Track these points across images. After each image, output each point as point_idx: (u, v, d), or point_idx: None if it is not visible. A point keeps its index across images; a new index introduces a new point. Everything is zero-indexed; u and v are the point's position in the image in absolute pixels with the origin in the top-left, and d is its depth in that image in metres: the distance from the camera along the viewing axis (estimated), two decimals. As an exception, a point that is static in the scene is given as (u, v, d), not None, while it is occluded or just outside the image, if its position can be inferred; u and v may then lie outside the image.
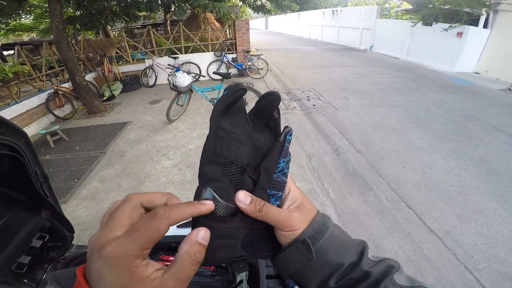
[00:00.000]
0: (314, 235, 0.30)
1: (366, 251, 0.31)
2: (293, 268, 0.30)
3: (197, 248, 0.25)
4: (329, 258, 0.30)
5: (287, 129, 0.33)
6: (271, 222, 0.30)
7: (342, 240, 0.32)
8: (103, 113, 5.22)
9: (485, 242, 2.25)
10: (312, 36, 19.80)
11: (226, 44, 7.56)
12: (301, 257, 0.29)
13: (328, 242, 0.30)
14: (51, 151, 3.87)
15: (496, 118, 4.75)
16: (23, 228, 0.71)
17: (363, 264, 0.30)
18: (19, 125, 0.57)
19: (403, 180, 3.06)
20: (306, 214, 0.32)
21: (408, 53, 10.73)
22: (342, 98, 5.71)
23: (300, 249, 0.29)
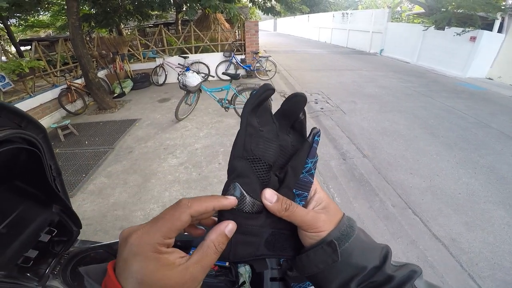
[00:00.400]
0: (340, 237, 0.30)
1: (389, 255, 0.31)
2: (315, 269, 0.30)
3: (223, 239, 0.26)
4: (353, 261, 0.29)
5: (316, 130, 0.33)
6: (297, 222, 0.30)
7: (367, 243, 0.32)
8: (113, 109, 5.31)
9: (491, 250, 2.22)
10: (321, 39, 19.69)
11: (235, 45, 7.60)
12: (326, 258, 0.29)
13: (353, 245, 0.30)
14: (61, 144, 3.96)
15: (509, 125, 4.63)
16: (33, 222, 0.72)
17: (386, 268, 0.29)
18: None
19: (410, 186, 3.02)
20: (332, 216, 0.31)
21: (419, 57, 10.57)
22: (351, 102, 5.67)
23: (326, 251, 0.29)
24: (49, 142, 0.63)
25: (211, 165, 3.36)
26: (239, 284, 0.92)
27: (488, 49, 8.06)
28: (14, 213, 0.66)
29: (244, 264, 0.96)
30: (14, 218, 0.65)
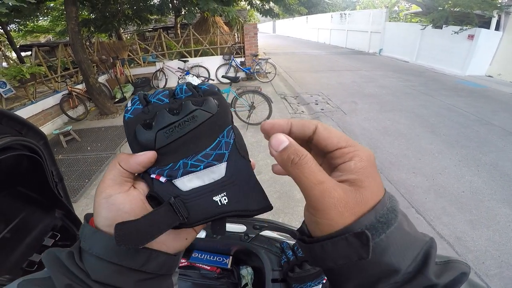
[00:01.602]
0: (377, 226, 0.21)
1: (433, 253, 0.22)
2: (331, 263, 0.22)
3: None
4: (386, 260, 0.21)
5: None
6: (302, 189, 0.22)
7: (410, 236, 0.22)
8: (114, 114, 5.32)
9: (497, 248, 2.20)
10: (320, 40, 19.75)
11: (235, 47, 7.62)
12: (350, 253, 0.20)
13: (391, 238, 0.21)
14: (64, 151, 3.97)
15: (510, 122, 4.61)
16: (37, 227, 0.73)
17: (428, 272, 0.21)
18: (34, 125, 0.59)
19: (412, 185, 3.01)
20: (363, 199, 0.21)
21: (418, 56, 10.58)
22: (351, 102, 5.67)
23: (351, 244, 0.20)
24: (50, 149, 0.64)
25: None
26: (242, 286, 0.91)
27: (487, 47, 8.06)
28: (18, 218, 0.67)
29: (246, 266, 0.96)
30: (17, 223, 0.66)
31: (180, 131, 0.27)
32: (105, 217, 0.25)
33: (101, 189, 0.26)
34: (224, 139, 0.28)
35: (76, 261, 0.24)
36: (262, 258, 0.86)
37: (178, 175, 0.27)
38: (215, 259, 0.94)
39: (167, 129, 0.27)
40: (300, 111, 5.29)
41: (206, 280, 0.89)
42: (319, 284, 0.76)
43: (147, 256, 0.26)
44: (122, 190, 0.26)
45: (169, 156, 0.27)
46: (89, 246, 0.24)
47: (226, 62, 7.39)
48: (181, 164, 0.27)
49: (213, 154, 0.28)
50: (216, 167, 0.28)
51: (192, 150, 0.28)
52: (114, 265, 0.24)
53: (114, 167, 0.27)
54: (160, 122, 0.27)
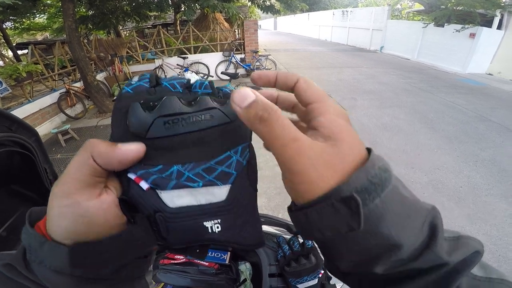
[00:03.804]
0: (369, 189, 0.17)
1: (440, 224, 0.19)
2: (318, 235, 0.18)
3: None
4: (383, 231, 0.17)
5: None
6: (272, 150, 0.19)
7: (410, 201, 0.19)
8: (113, 112, 5.29)
9: (494, 243, 2.22)
10: (321, 37, 19.67)
11: (235, 44, 7.58)
12: (337, 223, 0.17)
13: (388, 204, 0.18)
14: (62, 150, 3.95)
15: (509, 119, 4.61)
16: None
17: (438, 249, 0.18)
18: (31, 124, 0.59)
19: (411, 181, 3.01)
20: (343, 154, 0.18)
21: (419, 54, 10.57)
22: (351, 98, 5.66)
23: (338, 211, 0.17)
24: (42, 145, 0.63)
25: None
26: (240, 281, 0.92)
27: (488, 45, 8.09)
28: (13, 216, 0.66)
29: (244, 261, 0.97)
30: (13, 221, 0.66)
31: (186, 126, 0.21)
32: (68, 230, 0.19)
33: (62, 191, 0.19)
34: (236, 156, 0.23)
35: (23, 273, 0.20)
36: (259, 253, 0.86)
37: (168, 187, 0.21)
38: (213, 255, 0.94)
39: (170, 118, 0.20)
40: (299, 107, 5.27)
41: (204, 276, 0.89)
42: (315, 278, 0.76)
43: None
44: (93, 195, 0.20)
45: (161, 154, 0.21)
46: (40, 258, 0.19)
47: (226, 59, 7.36)
48: (175, 171, 0.21)
49: (217, 170, 0.22)
50: (217, 188, 0.22)
51: (193, 156, 0.22)
52: (77, 277, 0.19)
53: (85, 163, 0.20)
54: (165, 106, 0.20)
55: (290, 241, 0.82)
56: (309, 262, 0.75)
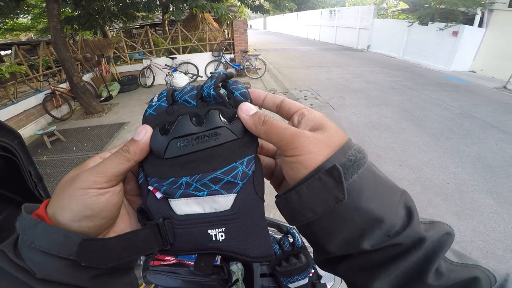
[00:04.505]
0: (346, 164, 0.20)
1: (414, 207, 0.22)
2: (310, 214, 0.21)
3: (128, 141, 0.25)
4: (364, 205, 0.20)
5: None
6: (275, 140, 0.23)
7: (383, 180, 0.23)
8: (100, 113, 5.20)
9: (482, 239, 2.27)
10: (310, 36, 19.81)
11: (224, 44, 7.56)
12: (326, 196, 0.20)
13: (365, 179, 0.21)
14: (48, 152, 3.85)
15: (492, 115, 4.78)
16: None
17: (415, 225, 0.21)
18: (15, 126, 0.58)
19: (399, 178, 3.08)
20: (328, 137, 0.22)
21: (404, 52, 10.78)
22: (339, 97, 5.74)
23: (325, 183, 0.20)
24: (25, 148, 0.62)
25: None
26: (232, 282, 0.92)
27: (470, 43, 8.31)
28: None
29: (236, 262, 0.96)
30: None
31: (196, 146, 0.24)
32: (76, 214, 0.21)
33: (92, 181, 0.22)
34: (242, 167, 0.24)
35: (11, 258, 0.21)
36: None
37: (176, 195, 0.24)
38: (204, 255, 0.94)
39: (183, 140, 0.24)
40: (289, 107, 5.30)
41: (195, 277, 0.88)
42: (306, 278, 0.77)
43: None
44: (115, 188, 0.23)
45: (173, 169, 0.24)
46: (31, 239, 0.20)
47: (216, 59, 7.32)
48: (184, 182, 0.24)
49: (223, 180, 0.24)
50: (222, 197, 0.24)
51: (200, 169, 0.24)
52: (65, 260, 0.21)
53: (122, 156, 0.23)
54: (178, 129, 0.24)
55: (280, 241, 0.82)
56: (299, 262, 0.76)
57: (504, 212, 2.54)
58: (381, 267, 0.21)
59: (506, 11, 7.56)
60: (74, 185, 0.22)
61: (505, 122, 4.50)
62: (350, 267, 0.24)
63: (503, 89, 6.59)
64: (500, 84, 6.91)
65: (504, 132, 4.15)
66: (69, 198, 0.21)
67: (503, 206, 2.61)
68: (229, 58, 7.40)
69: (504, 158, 3.42)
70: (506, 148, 3.67)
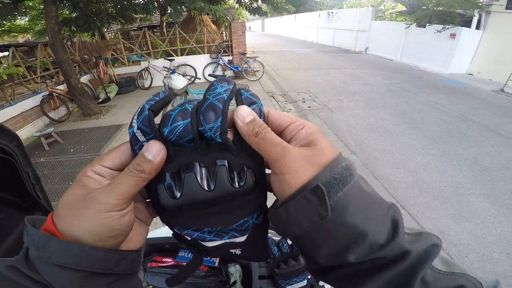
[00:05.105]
0: (331, 182, 0.21)
1: (400, 221, 0.23)
2: (297, 229, 0.22)
3: (140, 159, 0.23)
4: (349, 220, 0.21)
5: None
6: (265, 155, 0.24)
7: (369, 197, 0.23)
8: (98, 115, 5.18)
9: (478, 242, 2.27)
10: (308, 38, 19.87)
11: (222, 46, 7.57)
12: (311, 213, 0.21)
13: (350, 197, 0.22)
14: (45, 153, 3.83)
15: (489, 118, 4.81)
16: (16, 230, 0.69)
17: (399, 238, 0.22)
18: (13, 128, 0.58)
19: (397, 181, 3.09)
20: (316, 155, 0.23)
21: (402, 54, 10.82)
22: (337, 100, 5.75)
23: (310, 201, 0.21)
24: (23, 149, 0.62)
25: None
26: (230, 284, 0.91)
27: (468, 46, 8.32)
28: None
29: (234, 263, 0.96)
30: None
31: (208, 206, 0.25)
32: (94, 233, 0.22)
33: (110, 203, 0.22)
34: (252, 220, 0.28)
35: (26, 273, 0.21)
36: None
37: (205, 241, 0.29)
38: (202, 258, 0.93)
39: (194, 204, 0.24)
40: (287, 109, 5.33)
41: (194, 279, 0.88)
42: (304, 280, 0.77)
43: (117, 257, 0.24)
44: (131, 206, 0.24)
45: (193, 221, 0.27)
46: (47, 255, 0.21)
47: (214, 61, 7.33)
48: (206, 231, 0.28)
49: (237, 230, 0.28)
50: (238, 238, 0.29)
51: (219, 223, 0.27)
52: (81, 271, 0.21)
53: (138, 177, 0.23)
54: (188, 196, 0.24)
55: (279, 243, 0.82)
56: (298, 264, 0.76)
57: (501, 215, 2.55)
58: (366, 277, 0.23)
59: (503, 13, 7.58)
60: (93, 208, 0.22)
61: (502, 125, 4.53)
62: (338, 277, 0.25)
63: (501, 92, 6.62)
64: (498, 87, 6.93)
65: (501, 135, 4.18)
66: (92, 221, 0.22)
67: (500, 210, 2.62)
68: (227, 60, 7.41)
69: (501, 162, 3.44)
70: (503, 152, 3.69)
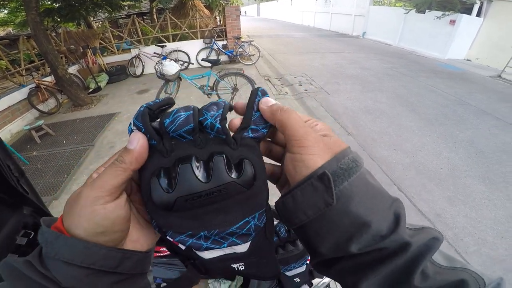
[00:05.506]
0: (337, 172, 0.22)
1: (403, 214, 0.24)
2: (303, 217, 0.23)
3: (121, 151, 0.24)
4: (353, 210, 0.22)
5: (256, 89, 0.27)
6: (288, 132, 0.24)
7: (375, 188, 0.24)
8: (89, 105, 5.07)
9: (473, 225, 2.29)
10: (304, 23, 19.53)
11: (216, 31, 7.39)
12: (317, 200, 0.22)
13: (355, 187, 0.22)
14: (38, 147, 3.75)
15: (486, 103, 4.80)
16: (5, 226, 0.68)
17: (400, 231, 0.22)
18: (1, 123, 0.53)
19: (394, 162, 3.10)
20: (331, 144, 0.24)
21: (400, 39, 10.71)
22: (334, 83, 5.70)
23: (316, 188, 0.22)
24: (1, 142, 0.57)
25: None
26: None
27: (467, 32, 8.28)
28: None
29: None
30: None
31: (205, 201, 0.23)
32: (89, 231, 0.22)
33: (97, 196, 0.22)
34: (254, 221, 0.26)
35: (38, 269, 0.22)
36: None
37: (201, 249, 0.26)
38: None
39: (189, 197, 0.22)
40: (284, 92, 5.26)
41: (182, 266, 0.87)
42: (303, 265, 0.75)
43: (121, 256, 0.24)
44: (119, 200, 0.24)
45: (188, 223, 0.24)
46: (55, 251, 0.21)
47: (207, 46, 7.17)
48: (202, 236, 0.25)
49: (238, 233, 0.25)
50: (239, 246, 0.26)
51: (216, 225, 0.24)
52: (86, 269, 0.22)
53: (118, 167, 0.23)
54: (183, 187, 0.22)
55: (276, 227, 0.80)
56: (296, 249, 0.73)
57: (496, 199, 2.57)
58: (368, 269, 0.23)
59: (505, 1, 7.48)
60: (79, 203, 0.22)
61: (498, 109, 4.54)
62: (341, 270, 0.25)
63: (498, 78, 6.62)
64: (495, 73, 6.92)
65: (498, 119, 4.19)
66: (78, 216, 0.22)
67: (495, 193, 2.64)
68: (222, 45, 7.26)
69: (496, 144, 3.47)
70: (499, 134, 3.71)
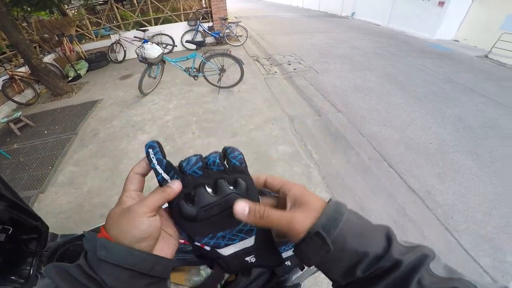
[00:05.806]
0: (328, 224, 0.28)
1: (393, 237, 0.29)
2: (313, 261, 0.29)
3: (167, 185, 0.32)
4: (349, 247, 0.28)
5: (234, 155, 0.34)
6: (275, 228, 0.30)
7: (362, 226, 0.30)
8: (69, 94, 4.84)
9: (463, 202, 2.29)
10: (293, 3, 19.15)
11: (201, 12, 7.09)
12: (318, 250, 0.28)
13: (345, 230, 0.28)
14: (18, 139, 3.57)
15: (473, 81, 4.83)
16: None
17: (392, 251, 0.27)
18: None
19: (384, 138, 3.09)
20: (312, 209, 0.30)
21: (389, 20, 10.60)
22: (323, 62, 5.62)
23: (316, 242, 0.28)
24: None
25: (184, 136, 3.24)
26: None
27: (456, 13, 8.27)
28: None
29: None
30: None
31: (218, 209, 0.32)
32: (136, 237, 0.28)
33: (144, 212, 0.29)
34: None
35: (87, 271, 0.27)
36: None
37: (220, 246, 0.35)
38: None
39: (207, 207, 0.31)
40: (273, 71, 5.15)
41: (182, 254, 0.83)
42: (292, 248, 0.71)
43: (154, 260, 0.29)
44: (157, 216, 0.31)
45: (209, 228, 0.33)
46: (108, 255, 0.27)
47: (192, 28, 6.88)
48: (220, 236, 0.34)
49: (244, 230, 0.34)
50: (247, 240, 0.35)
51: (228, 226, 0.33)
52: (128, 270, 0.27)
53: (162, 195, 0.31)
54: (201, 201, 0.31)
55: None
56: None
57: (483, 175, 2.59)
58: (371, 284, 0.27)
59: None
60: (130, 215, 0.28)
61: (485, 88, 4.57)
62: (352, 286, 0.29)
63: (485, 58, 6.66)
64: (482, 53, 6.96)
65: (484, 96, 4.22)
66: (128, 225, 0.28)
67: (482, 168, 2.67)
68: (208, 27, 7.00)
69: (483, 120, 3.50)
70: (486, 110, 3.75)
